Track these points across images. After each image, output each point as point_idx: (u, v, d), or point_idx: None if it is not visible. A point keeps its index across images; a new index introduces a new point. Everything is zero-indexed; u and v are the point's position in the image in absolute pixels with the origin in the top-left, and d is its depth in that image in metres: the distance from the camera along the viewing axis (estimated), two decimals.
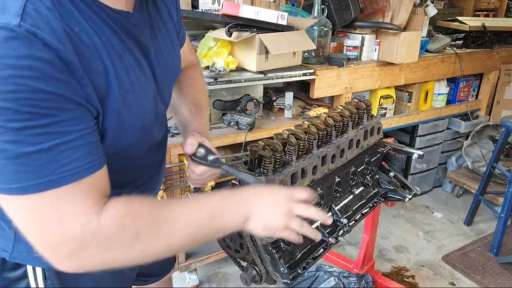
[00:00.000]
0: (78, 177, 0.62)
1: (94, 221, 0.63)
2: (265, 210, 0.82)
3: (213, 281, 2.24)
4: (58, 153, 0.60)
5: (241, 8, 1.84)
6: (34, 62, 0.56)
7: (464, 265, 2.39)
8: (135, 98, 0.74)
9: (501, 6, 4.03)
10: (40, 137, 0.58)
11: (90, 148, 0.64)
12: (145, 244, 0.69)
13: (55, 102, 0.58)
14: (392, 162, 1.65)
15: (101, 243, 0.64)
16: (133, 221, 0.67)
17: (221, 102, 2.02)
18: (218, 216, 0.77)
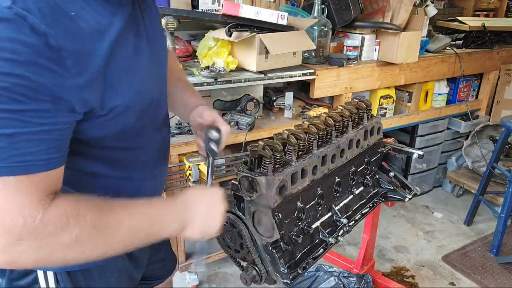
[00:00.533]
0: (32, 171, 0.61)
1: (38, 216, 0.61)
2: (202, 217, 0.83)
3: (213, 281, 2.24)
4: (19, 141, 0.58)
5: (241, 8, 1.84)
6: (18, 46, 0.55)
7: (464, 265, 2.39)
8: (133, 79, 0.74)
9: (501, 6, 4.03)
10: (5, 122, 0.56)
11: (53, 145, 0.63)
12: (83, 247, 0.67)
13: (30, 90, 0.57)
14: (392, 162, 1.65)
15: (40, 240, 0.62)
16: (77, 222, 0.65)
17: (221, 102, 2.02)
18: (155, 225, 0.76)
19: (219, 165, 1.96)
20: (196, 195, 0.85)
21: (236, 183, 1.13)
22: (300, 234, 1.21)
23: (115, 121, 0.74)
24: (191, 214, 0.82)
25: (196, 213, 0.83)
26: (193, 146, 1.84)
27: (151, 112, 0.86)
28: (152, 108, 0.85)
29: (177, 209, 0.81)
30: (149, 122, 0.86)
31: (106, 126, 0.73)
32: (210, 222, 0.85)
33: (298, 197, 1.20)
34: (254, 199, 1.09)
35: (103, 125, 0.73)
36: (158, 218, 0.77)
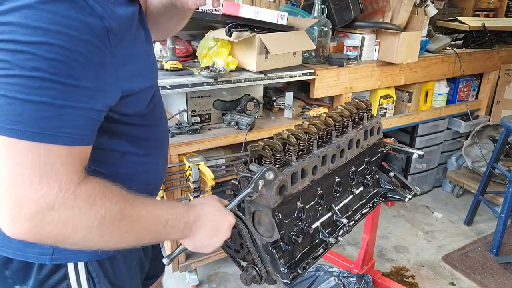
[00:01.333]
0: (74, 142, 0.64)
1: (72, 188, 0.63)
2: (202, 237, 0.89)
3: (213, 281, 2.24)
4: (65, 114, 0.62)
5: (241, 8, 1.84)
6: (80, 25, 0.61)
7: (464, 265, 2.39)
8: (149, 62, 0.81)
9: (501, 6, 4.03)
10: (56, 93, 0.60)
11: (91, 123, 0.68)
12: (104, 231, 0.68)
13: (85, 67, 0.62)
14: (392, 162, 1.65)
15: (68, 212, 0.63)
16: (104, 204, 0.67)
17: (221, 102, 2.02)
18: (167, 227, 0.80)
19: (219, 165, 1.96)
20: (209, 215, 0.89)
21: (236, 183, 1.13)
22: (300, 234, 1.21)
23: (140, 100, 0.80)
24: (196, 230, 0.87)
25: (200, 232, 0.87)
26: (193, 146, 1.84)
27: (158, 94, 0.94)
28: (157, 90, 0.93)
29: (190, 221, 0.85)
30: (158, 101, 0.93)
31: (132, 105, 0.78)
32: (207, 245, 0.91)
33: (298, 197, 1.20)
34: (254, 199, 1.09)
35: (130, 104, 0.77)
36: (172, 223, 0.81)
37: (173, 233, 0.83)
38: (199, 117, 1.97)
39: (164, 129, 1.00)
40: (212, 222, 0.90)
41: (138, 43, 0.76)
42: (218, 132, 1.93)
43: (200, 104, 1.96)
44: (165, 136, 1.02)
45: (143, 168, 0.90)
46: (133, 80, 0.74)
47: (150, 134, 0.90)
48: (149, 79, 0.81)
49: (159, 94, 0.98)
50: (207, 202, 0.93)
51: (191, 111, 1.94)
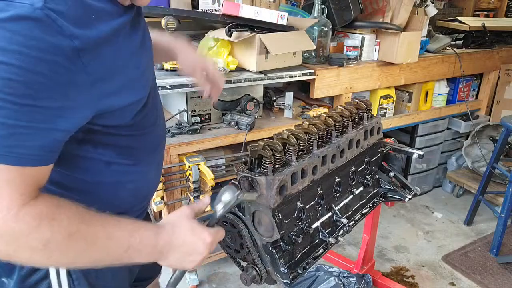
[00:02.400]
0: (26, 163, 0.62)
1: (13, 210, 0.62)
2: (178, 259, 0.82)
3: (213, 281, 2.24)
4: (18, 134, 0.60)
5: (241, 8, 1.84)
6: (44, 45, 0.58)
7: (464, 265, 2.39)
8: (140, 74, 0.78)
9: (501, 6, 4.03)
10: (11, 113, 0.59)
11: (52, 144, 0.65)
12: (50, 254, 0.65)
13: (47, 88, 0.60)
14: (392, 162, 1.65)
15: (8, 235, 0.62)
16: (50, 227, 0.64)
17: (221, 102, 2.02)
18: (129, 252, 0.74)
19: (219, 165, 1.96)
20: (180, 237, 0.81)
21: (236, 183, 1.13)
22: (300, 234, 1.21)
23: (124, 113, 0.77)
24: (168, 253, 0.80)
25: (172, 254, 0.81)
26: (193, 146, 1.84)
27: (152, 100, 0.90)
28: (152, 96, 0.89)
29: (159, 245, 0.78)
30: (151, 108, 0.89)
31: (115, 118, 0.76)
32: (184, 265, 0.84)
33: (298, 197, 1.20)
34: (254, 199, 1.09)
35: (112, 117, 0.75)
36: (137, 247, 0.75)
37: (137, 257, 0.76)
38: (199, 117, 1.97)
39: (157, 135, 0.96)
40: (184, 245, 0.81)
41: (126, 53, 0.73)
42: (218, 132, 1.93)
43: (200, 104, 1.96)
44: (158, 142, 0.98)
45: (130, 178, 0.87)
46: (114, 96, 0.72)
47: (138, 143, 0.86)
48: (136, 92, 0.78)
49: (155, 100, 0.94)
50: (177, 222, 0.84)
51: (191, 111, 1.94)
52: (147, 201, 1.01)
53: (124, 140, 0.82)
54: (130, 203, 0.92)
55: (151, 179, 0.96)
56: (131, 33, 0.76)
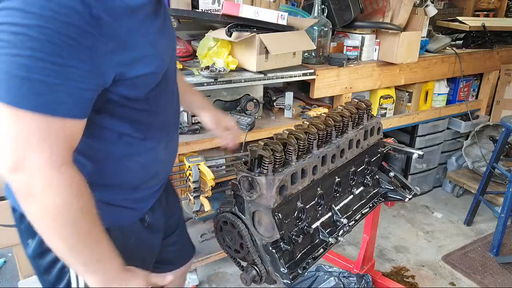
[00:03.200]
0: (64, 114, 0.72)
1: (58, 163, 0.71)
2: None
3: (213, 281, 2.24)
4: (59, 91, 0.70)
5: (241, 8, 1.84)
6: (70, 12, 0.68)
7: (464, 265, 2.39)
8: (155, 52, 0.86)
9: (501, 6, 4.03)
10: (48, 71, 0.68)
11: (81, 101, 0.74)
12: (61, 214, 0.73)
13: (74, 49, 0.69)
14: (392, 162, 1.65)
15: (47, 182, 0.71)
16: (74, 193, 0.74)
17: (221, 102, 2.02)
18: (95, 265, 0.82)
19: (219, 165, 1.96)
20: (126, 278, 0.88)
21: (236, 183, 1.13)
22: (300, 234, 1.21)
23: (140, 85, 0.85)
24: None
25: None
26: (193, 146, 1.84)
27: (166, 81, 0.97)
28: (167, 77, 0.96)
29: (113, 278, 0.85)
30: (164, 89, 0.96)
31: (132, 88, 0.84)
32: None
33: (298, 197, 1.20)
34: (254, 199, 1.09)
35: (129, 87, 0.83)
36: (103, 265, 0.83)
37: (93, 272, 0.83)
38: None
39: (170, 118, 1.03)
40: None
41: (144, 32, 0.81)
42: None
43: None
44: (170, 125, 1.05)
45: (139, 151, 0.94)
46: (130, 66, 0.80)
47: (151, 120, 0.94)
48: (151, 66, 0.84)
49: (171, 84, 1.02)
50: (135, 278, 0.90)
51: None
52: (158, 180, 1.06)
53: (138, 114, 0.90)
54: (140, 178, 0.98)
55: (160, 158, 1.01)
56: (151, 17, 0.85)
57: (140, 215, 1.05)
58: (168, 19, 0.99)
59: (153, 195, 1.07)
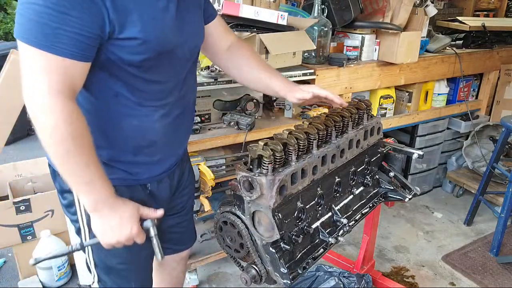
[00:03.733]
0: (63, 54, 0.86)
1: (54, 91, 0.86)
2: (101, 227, 1.01)
3: (213, 281, 2.24)
4: (60, 34, 0.85)
5: (241, 8, 1.84)
6: None
7: (464, 265, 2.39)
8: (157, 25, 0.97)
9: (501, 6, 4.03)
10: (53, 17, 0.83)
11: (80, 44, 0.88)
12: (56, 135, 0.88)
13: (76, 1, 0.84)
14: (392, 162, 1.65)
15: (45, 105, 0.86)
16: (65, 119, 0.87)
17: (221, 102, 2.02)
18: (85, 186, 0.95)
19: (219, 165, 1.96)
20: (119, 214, 1.00)
21: (236, 183, 1.13)
22: (300, 234, 1.21)
23: (136, 51, 0.95)
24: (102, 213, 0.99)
25: (103, 219, 1.00)
26: (193, 146, 1.84)
27: (173, 59, 1.06)
28: (174, 56, 1.05)
29: (104, 200, 0.98)
30: (168, 65, 1.05)
31: (129, 52, 0.95)
32: (105, 234, 1.01)
33: (298, 197, 1.20)
34: (254, 199, 1.09)
35: (126, 49, 0.94)
36: (92, 188, 0.96)
37: (86, 194, 0.96)
38: (199, 117, 1.97)
39: (174, 94, 1.11)
40: (115, 219, 1.00)
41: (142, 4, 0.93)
42: (218, 132, 1.93)
43: (200, 104, 1.96)
44: (174, 100, 1.12)
45: (133, 113, 1.05)
46: (122, 26, 0.91)
47: (148, 88, 1.04)
48: (143, 32, 0.94)
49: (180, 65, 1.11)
50: (127, 206, 1.03)
51: None
52: (157, 150, 1.14)
53: (133, 79, 1.00)
54: (135, 142, 1.09)
55: (157, 128, 1.10)
56: None
57: (139, 182, 1.15)
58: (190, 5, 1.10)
59: (154, 165, 1.16)
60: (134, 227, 1.01)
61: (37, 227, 2.09)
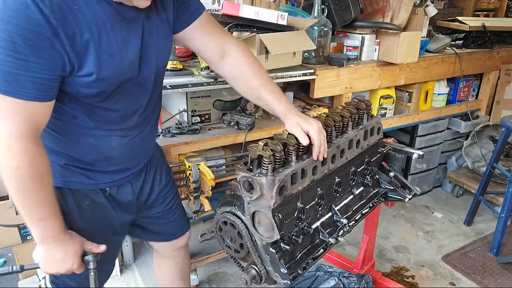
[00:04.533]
0: (25, 97, 0.90)
1: (17, 134, 0.91)
2: (44, 259, 1.09)
3: (213, 281, 2.24)
4: (20, 80, 0.88)
5: (241, 8, 1.84)
6: (30, 20, 0.85)
7: (464, 265, 2.39)
8: (114, 61, 1.00)
9: (501, 6, 4.04)
10: (13, 64, 0.87)
11: (42, 87, 0.92)
12: (14, 174, 0.94)
13: (34, 48, 0.87)
14: (392, 162, 1.65)
15: (6, 146, 0.91)
16: (29, 161, 0.93)
17: (221, 102, 2.02)
18: (37, 222, 1.02)
19: (219, 165, 1.96)
20: (64, 250, 1.09)
21: (236, 184, 1.13)
22: (300, 234, 1.21)
23: (92, 85, 1.00)
24: (49, 247, 1.07)
25: (48, 252, 1.08)
26: (193, 146, 1.84)
27: (134, 87, 1.10)
28: (135, 83, 1.09)
29: (51, 237, 1.06)
30: (129, 94, 1.10)
31: (85, 86, 0.99)
32: (46, 264, 1.10)
33: (298, 197, 1.20)
34: (254, 200, 1.09)
35: (83, 84, 0.98)
36: (43, 224, 1.03)
37: (36, 229, 1.04)
38: (199, 117, 1.97)
39: (134, 119, 1.16)
40: (59, 254, 1.08)
41: (99, 43, 0.96)
42: (218, 132, 1.93)
43: (200, 104, 1.96)
44: (133, 125, 1.17)
45: (90, 134, 1.11)
46: (82, 64, 0.95)
47: (105, 114, 1.09)
48: (99, 70, 0.97)
49: (141, 90, 1.13)
50: (72, 242, 1.11)
51: (191, 111, 1.94)
52: (114, 164, 1.20)
53: (91, 107, 1.06)
54: (92, 156, 1.15)
55: (113, 146, 1.16)
56: (115, 29, 0.99)
57: (98, 187, 1.21)
58: (154, 28, 1.10)
59: (110, 175, 1.22)
60: (75, 263, 1.11)
61: None
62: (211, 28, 1.28)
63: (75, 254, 1.10)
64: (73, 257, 1.10)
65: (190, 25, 1.24)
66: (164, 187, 1.44)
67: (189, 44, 1.31)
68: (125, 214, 1.31)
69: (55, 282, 1.32)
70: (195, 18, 1.24)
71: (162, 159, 1.47)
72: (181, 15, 1.21)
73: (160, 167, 1.43)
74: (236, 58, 1.30)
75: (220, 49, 1.30)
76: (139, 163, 1.30)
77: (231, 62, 1.31)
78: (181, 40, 1.28)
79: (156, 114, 1.30)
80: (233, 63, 1.31)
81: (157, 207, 1.44)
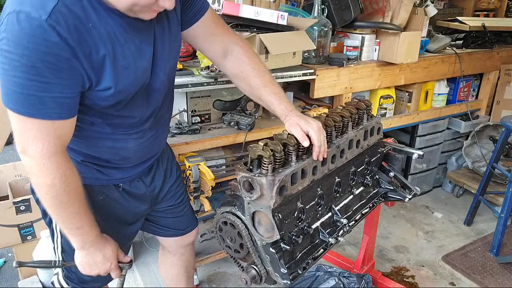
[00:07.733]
0: (52, 118, 0.94)
1: (48, 154, 0.96)
2: (85, 262, 1.17)
3: (213, 281, 2.24)
4: (45, 102, 0.92)
5: (241, 8, 1.84)
6: (48, 43, 0.87)
7: (464, 265, 2.39)
8: (129, 73, 1.03)
9: (501, 6, 4.04)
10: (37, 87, 0.90)
11: (66, 106, 0.96)
12: (49, 192, 1.00)
13: (55, 70, 0.90)
14: (392, 162, 1.65)
15: (41, 167, 0.97)
16: (61, 177, 0.99)
17: (221, 102, 2.02)
18: (76, 230, 1.10)
19: (219, 165, 1.96)
20: (101, 254, 1.16)
21: (236, 184, 1.13)
22: (300, 234, 1.21)
23: (111, 98, 1.03)
24: (89, 251, 1.14)
25: (88, 256, 1.15)
26: (193, 146, 1.84)
27: (149, 91, 1.14)
28: (150, 88, 1.14)
29: (90, 243, 1.13)
30: (145, 99, 1.14)
31: (103, 99, 1.03)
32: (86, 267, 1.18)
33: (298, 198, 1.20)
34: (254, 200, 1.09)
35: (101, 97, 1.02)
36: (81, 231, 1.10)
37: (76, 236, 1.11)
38: (199, 117, 1.97)
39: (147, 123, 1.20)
40: (98, 257, 1.16)
41: (114, 58, 0.98)
42: (218, 132, 1.93)
43: (200, 104, 1.96)
44: (146, 128, 1.21)
45: (107, 138, 1.15)
46: (100, 80, 0.98)
47: (121, 122, 1.13)
48: (116, 84, 1.01)
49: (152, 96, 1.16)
50: (108, 247, 1.18)
51: (191, 111, 1.95)
52: (130, 162, 1.25)
53: (108, 116, 1.10)
54: (109, 157, 1.21)
55: (129, 147, 1.20)
56: (129, 41, 1.01)
57: (112, 183, 1.26)
58: (166, 30, 1.12)
59: (126, 171, 1.27)
60: (113, 263, 1.20)
61: (37, 227, 2.09)
62: (214, 26, 1.28)
63: (112, 255, 1.19)
64: (111, 258, 1.19)
65: (194, 24, 1.23)
66: (175, 181, 1.48)
67: (192, 42, 1.31)
68: (139, 204, 1.36)
69: (69, 277, 1.35)
70: (199, 17, 1.24)
71: (172, 154, 1.53)
72: (186, 14, 1.21)
73: (171, 161, 1.49)
74: (238, 58, 1.30)
75: (222, 48, 1.30)
76: (151, 159, 1.34)
77: (232, 61, 1.31)
78: (184, 38, 1.28)
79: (169, 112, 1.34)
80: (235, 63, 1.31)
81: (168, 201, 1.48)
